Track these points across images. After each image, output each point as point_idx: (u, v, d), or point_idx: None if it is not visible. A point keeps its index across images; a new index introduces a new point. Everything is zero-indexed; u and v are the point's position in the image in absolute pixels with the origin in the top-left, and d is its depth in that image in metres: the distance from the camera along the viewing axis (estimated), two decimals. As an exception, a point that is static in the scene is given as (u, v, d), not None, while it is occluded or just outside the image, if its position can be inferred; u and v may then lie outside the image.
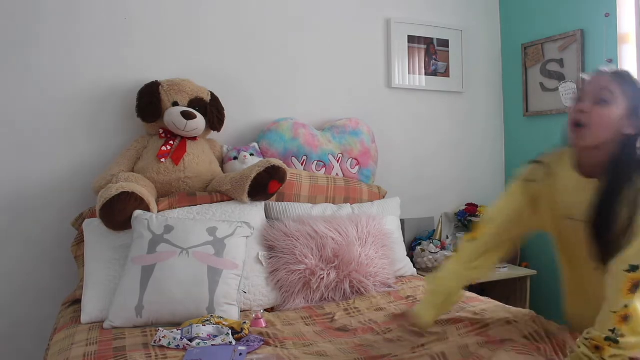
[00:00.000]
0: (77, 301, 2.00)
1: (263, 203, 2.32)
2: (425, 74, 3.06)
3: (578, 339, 1.24)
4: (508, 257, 1.77)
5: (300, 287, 2.09)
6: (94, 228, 2.01)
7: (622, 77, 1.37)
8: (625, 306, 1.17)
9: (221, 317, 1.76)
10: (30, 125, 2.25)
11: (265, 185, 2.17)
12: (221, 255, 1.90)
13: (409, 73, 3.02)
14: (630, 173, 1.32)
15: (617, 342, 1.15)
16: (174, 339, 1.58)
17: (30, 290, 2.25)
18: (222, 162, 2.47)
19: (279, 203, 2.40)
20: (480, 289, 2.56)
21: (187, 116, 2.23)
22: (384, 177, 2.90)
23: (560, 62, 2.88)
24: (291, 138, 2.55)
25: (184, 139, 2.29)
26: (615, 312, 1.18)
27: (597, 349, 1.17)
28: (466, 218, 2.98)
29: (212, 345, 1.55)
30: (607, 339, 1.16)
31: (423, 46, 3.04)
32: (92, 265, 1.94)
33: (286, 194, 2.42)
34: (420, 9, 3.06)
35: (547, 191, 1.52)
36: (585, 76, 1.43)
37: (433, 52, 3.07)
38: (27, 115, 2.25)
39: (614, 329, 1.16)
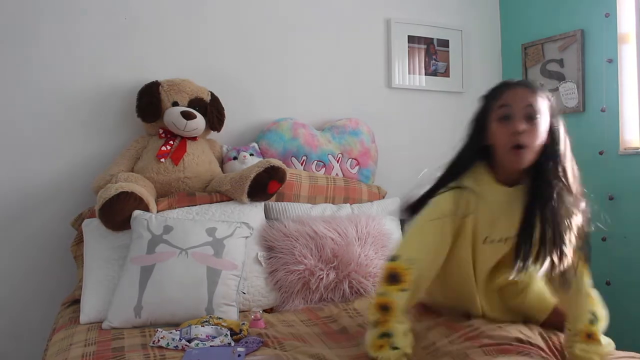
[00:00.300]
0: (76, 301, 2.00)
1: (262, 203, 2.32)
2: (425, 74, 3.06)
3: (566, 342, 1.37)
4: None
5: (300, 288, 2.09)
6: (93, 228, 2.01)
7: (535, 88, 1.40)
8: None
9: (220, 318, 1.75)
10: (29, 125, 2.25)
11: (265, 185, 2.17)
12: (220, 256, 1.90)
13: (409, 73, 3.01)
14: (550, 179, 1.39)
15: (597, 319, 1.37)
16: (173, 339, 1.58)
17: (29, 290, 2.26)
18: (222, 162, 2.47)
19: (279, 203, 2.39)
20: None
21: (187, 116, 2.23)
22: (384, 177, 2.89)
23: (560, 62, 2.87)
24: (291, 138, 2.55)
25: (183, 139, 2.29)
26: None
27: (589, 337, 1.30)
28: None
29: (211, 346, 1.55)
30: (591, 321, 1.36)
31: (423, 46, 3.04)
32: (91, 265, 1.94)
33: (286, 194, 2.42)
34: (420, 9, 3.06)
35: (474, 217, 1.44)
36: (504, 91, 1.42)
37: (433, 52, 3.07)
38: (27, 115, 2.25)
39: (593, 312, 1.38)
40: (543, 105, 1.38)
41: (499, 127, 1.39)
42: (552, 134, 1.40)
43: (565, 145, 1.41)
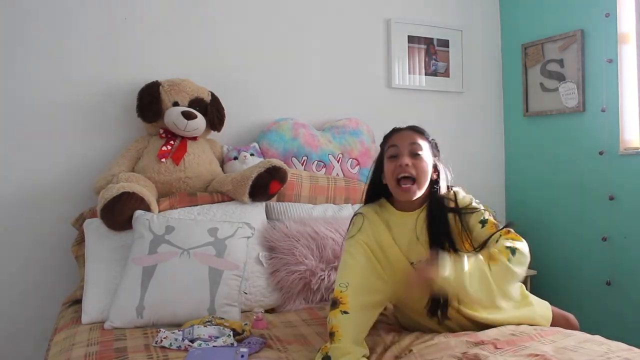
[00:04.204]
0: (77, 301, 2.00)
1: (264, 203, 2.32)
2: (425, 74, 3.06)
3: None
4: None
5: (301, 288, 2.08)
6: (94, 228, 2.01)
7: (420, 131, 1.62)
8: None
9: (222, 318, 1.76)
10: (30, 125, 2.25)
11: (266, 185, 2.17)
12: (222, 256, 1.90)
13: (409, 73, 3.01)
14: (442, 203, 1.60)
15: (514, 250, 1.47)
16: (175, 339, 1.57)
17: (31, 290, 2.25)
18: (222, 162, 2.47)
19: (280, 203, 2.40)
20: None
21: (188, 116, 2.23)
22: (384, 177, 2.89)
23: (560, 62, 2.88)
24: (291, 138, 2.55)
25: (184, 139, 2.29)
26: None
27: (492, 259, 1.42)
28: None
29: (214, 346, 1.55)
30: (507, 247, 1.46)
31: (423, 46, 3.04)
32: (93, 265, 1.94)
33: (286, 194, 2.42)
34: (420, 9, 3.06)
35: (392, 243, 1.59)
36: (394, 134, 1.62)
37: (433, 52, 3.07)
38: (27, 115, 2.24)
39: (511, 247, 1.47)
40: (425, 144, 1.59)
41: (389, 164, 1.58)
42: (437, 168, 1.62)
43: (447, 175, 1.65)
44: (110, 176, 2.14)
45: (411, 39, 3.01)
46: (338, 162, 2.65)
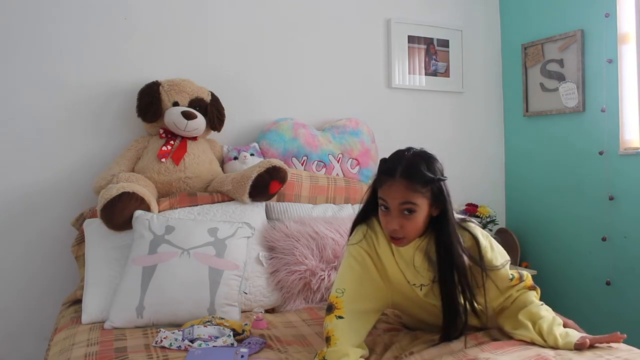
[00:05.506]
0: (77, 301, 2.00)
1: (264, 203, 2.32)
2: (425, 74, 3.06)
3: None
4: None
5: (301, 288, 2.09)
6: (94, 228, 2.01)
7: (415, 178, 1.40)
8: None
9: (222, 318, 1.76)
10: (30, 125, 2.25)
11: (266, 185, 2.17)
12: (222, 256, 1.90)
13: (409, 73, 3.01)
14: (451, 240, 1.45)
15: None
16: (176, 339, 1.58)
17: (31, 290, 2.25)
18: (222, 162, 2.47)
19: (280, 203, 2.40)
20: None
21: (188, 116, 2.23)
22: (384, 177, 2.89)
23: (560, 62, 2.88)
24: (291, 138, 2.55)
25: (184, 139, 2.29)
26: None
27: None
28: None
29: (214, 346, 1.55)
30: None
31: (423, 46, 3.04)
32: (93, 265, 1.94)
33: (286, 194, 2.42)
34: (420, 9, 3.06)
35: (388, 261, 1.55)
36: (384, 183, 1.44)
37: (433, 52, 3.07)
38: (28, 115, 2.24)
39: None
40: (419, 198, 1.41)
41: (381, 214, 1.48)
42: (439, 204, 1.45)
43: (452, 209, 1.48)
44: (110, 176, 2.14)
45: (411, 39, 3.01)
46: (338, 162, 2.65)
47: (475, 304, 1.49)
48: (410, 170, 1.41)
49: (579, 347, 1.41)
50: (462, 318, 1.48)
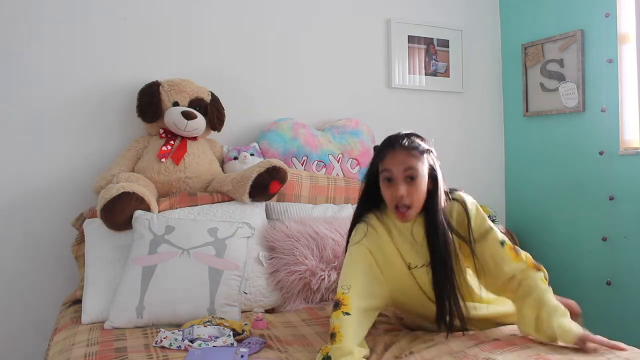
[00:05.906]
0: (77, 301, 2.00)
1: (264, 203, 2.32)
2: (425, 74, 3.06)
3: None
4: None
5: (301, 288, 2.08)
6: (94, 228, 2.01)
7: (414, 147, 1.53)
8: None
9: (222, 318, 1.75)
10: (30, 125, 2.25)
11: (266, 185, 2.17)
12: (222, 256, 1.90)
13: (409, 73, 3.02)
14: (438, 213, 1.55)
15: None
16: (176, 339, 1.57)
17: (31, 290, 2.25)
18: (222, 162, 2.47)
19: (280, 203, 2.40)
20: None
21: (188, 116, 2.23)
22: (384, 177, 2.90)
23: (560, 62, 2.88)
24: (291, 138, 2.55)
25: (184, 139, 2.29)
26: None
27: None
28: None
29: (214, 346, 1.55)
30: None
31: (423, 46, 3.04)
32: (93, 265, 1.94)
33: (286, 194, 2.42)
34: (420, 9, 3.06)
35: (394, 246, 1.60)
36: (387, 154, 1.53)
37: (433, 52, 3.08)
38: (27, 115, 2.24)
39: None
40: (420, 164, 1.52)
41: (385, 188, 1.55)
42: (434, 178, 1.56)
43: (442, 184, 1.58)
44: (110, 176, 2.14)
45: (411, 39, 3.01)
46: (338, 162, 2.65)
47: (471, 284, 1.60)
48: (408, 141, 1.54)
49: (579, 344, 1.41)
50: (453, 300, 1.53)
